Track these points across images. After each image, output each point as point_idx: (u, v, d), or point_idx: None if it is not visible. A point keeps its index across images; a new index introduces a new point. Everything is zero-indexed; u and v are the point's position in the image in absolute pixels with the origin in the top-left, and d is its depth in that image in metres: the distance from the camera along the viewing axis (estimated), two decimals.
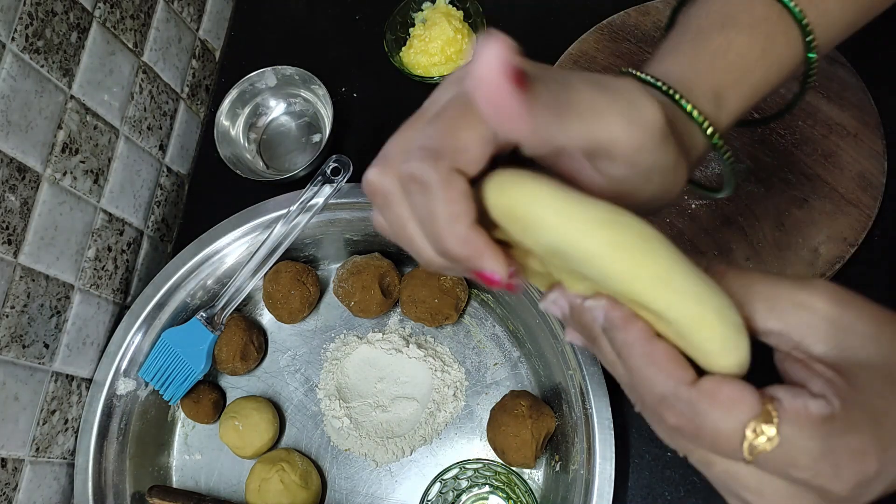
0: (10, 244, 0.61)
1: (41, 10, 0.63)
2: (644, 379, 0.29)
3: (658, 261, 0.28)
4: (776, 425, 0.27)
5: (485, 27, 0.79)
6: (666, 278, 0.28)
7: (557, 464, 0.66)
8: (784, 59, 0.39)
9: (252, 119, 0.84)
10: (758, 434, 0.27)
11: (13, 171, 0.61)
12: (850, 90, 0.69)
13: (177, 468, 0.74)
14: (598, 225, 0.28)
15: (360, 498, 0.70)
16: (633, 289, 0.28)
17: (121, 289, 0.75)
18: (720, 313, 0.28)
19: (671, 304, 0.28)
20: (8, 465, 0.61)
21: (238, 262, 0.73)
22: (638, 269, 0.28)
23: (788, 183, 0.67)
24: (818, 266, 0.64)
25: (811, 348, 0.29)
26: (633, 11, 0.77)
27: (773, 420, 0.27)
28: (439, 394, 0.70)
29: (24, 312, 0.63)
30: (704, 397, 0.27)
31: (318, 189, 0.71)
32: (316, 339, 0.76)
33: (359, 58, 0.85)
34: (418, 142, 0.31)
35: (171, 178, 0.83)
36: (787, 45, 0.39)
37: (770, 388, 0.29)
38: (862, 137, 0.68)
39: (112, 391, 0.71)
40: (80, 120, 0.68)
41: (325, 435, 0.72)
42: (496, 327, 0.73)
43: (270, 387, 0.75)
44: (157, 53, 0.79)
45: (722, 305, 0.28)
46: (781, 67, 0.40)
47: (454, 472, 0.64)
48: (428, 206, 0.30)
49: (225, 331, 0.72)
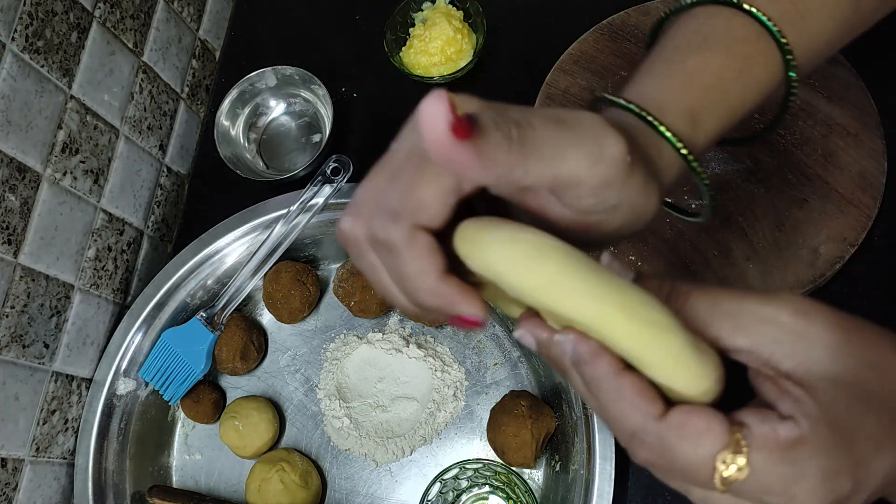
0: (10, 244, 0.61)
1: (41, 10, 0.63)
2: (614, 415, 0.29)
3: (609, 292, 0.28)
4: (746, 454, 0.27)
5: (485, 27, 0.79)
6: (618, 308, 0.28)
7: (557, 464, 0.66)
8: (763, 79, 0.39)
9: (252, 119, 0.84)
10: (728, 464, 0.27)
11: (13, 171, 0.61)
12: (850, 90, 0.69)
13: (177, 468, 0.74)
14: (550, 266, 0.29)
15: (360, 498, 0.70)
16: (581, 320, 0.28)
17: (121, 289, 0.75)
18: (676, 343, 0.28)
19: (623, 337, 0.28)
20: (8, 465, 0.61)
21: (238, 262, 0.73)
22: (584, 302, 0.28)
23: (788, 183, 0.67)
24: (818, 266, 0.64)
25: (779, 364, 0.29)
26: (633, 11, 0.77)
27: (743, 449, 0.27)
28: (439, 394, 0.70)
29: (24, 312, 0.63)
30: (673, 431, 0.27)
31: (318, 189, 0.71)
32: (316, 339, 0.76)
33: (359, 58, 0.85)
34: (381, 202, 0.31)
35: (171, 178, 0.83)
36: (765, 65, 0.39)
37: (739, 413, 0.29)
38: (862, 137, 0.67)
39: (112, 391, 0.71)
40: (80, 120, 0.68)
41: (325, 435, 0.72)
42: (496, 327, 0.73)
43: (270, 387, 0.75)
44: (157, 53, 0.79)
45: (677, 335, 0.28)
46: (761, 87, 0.39)
47: (454, 472, 0.64)
48: (395, 265, 0.31)
49: (225, 331, 0.72)
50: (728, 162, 0.69)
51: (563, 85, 0.75)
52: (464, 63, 0.79)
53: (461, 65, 0.79)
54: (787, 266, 0.65)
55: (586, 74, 0.75)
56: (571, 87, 0.75)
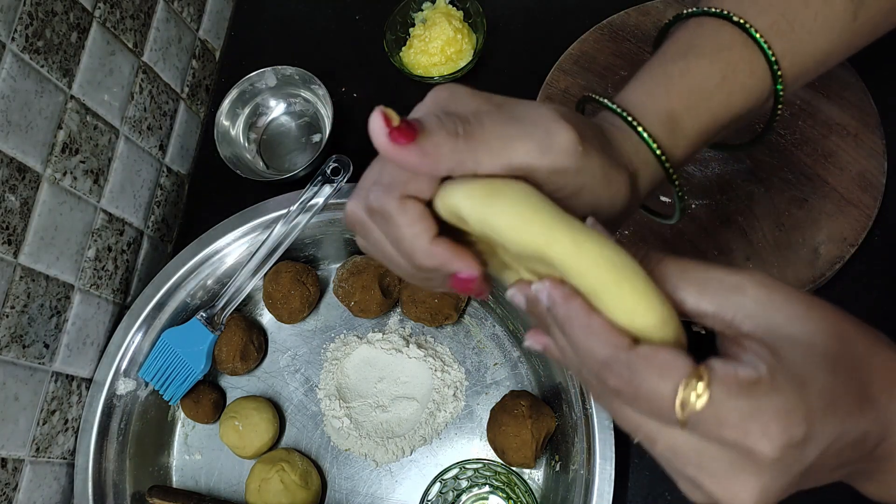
0: (10, 244, 0.61)
1: (41, 10, 0.63)
2: (586, 349, 0.31)
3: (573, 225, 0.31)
4: (706, 385, 0.28)
5: (485, 27, 0.79)
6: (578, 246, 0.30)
7: (557, 464, 0.66)
8: (749, 87, 0.41)
9: (252, 119, 0.84)
10: (689, 390, 0.28)
11: (13, 171, 0.61)
12: (850, 90, 0.69)
13: (177, 468, 0.74)
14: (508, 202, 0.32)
15: (360, 498, 0.70)
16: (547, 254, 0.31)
17: (121, 289, 0.75)
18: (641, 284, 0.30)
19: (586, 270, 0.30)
20: (8, 465, 0.61)
21: (238, 262, 0.73)
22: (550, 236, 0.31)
23: (788, 183, 0.67)
24: (818, 266, 0.64)
25: (741, 326, 0.31)
26: (633, 11, 0.77)
27: (704, 380, 0.29)
28: (439, 394, 0.70)
29: (24, 312, 0.63)
30: (641, 360, 0.30)
31: (318, 189, 0.71)
32: (316, 339, 0.76)
33: (359, 58, 0.85)
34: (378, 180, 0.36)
35: (171, 178, 0.83)
36: (751, 73, 0.40)
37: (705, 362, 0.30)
38: (862, 137, 0.68)
39: (112, 391, 0.71)
40: (80, 120, 0.68)
41: (325, 435, 0.72)
42: (496, 327, 0.73)
43: (270, 387, 0.75)
44: (157, 53, 0.79)
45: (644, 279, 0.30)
46: (747, 96, 0.41)
47: (454, 472, 0.64)
48: (392, 232, 0.35)
49: (225, 331, 0.72)
50: (728, 162, 0.69)
51: (563, 85, 0.75)
52: (464, 63, 0.79)
53: (461, 65, 0.79)
54: (787, 266, 0.65)
55: (586, 74, 0.75)
56: (571, 87, 0.75)
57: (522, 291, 0.34)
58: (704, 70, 0.40)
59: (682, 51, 0.41)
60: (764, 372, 0.29)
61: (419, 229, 0.35)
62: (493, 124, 0.34)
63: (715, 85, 0.40)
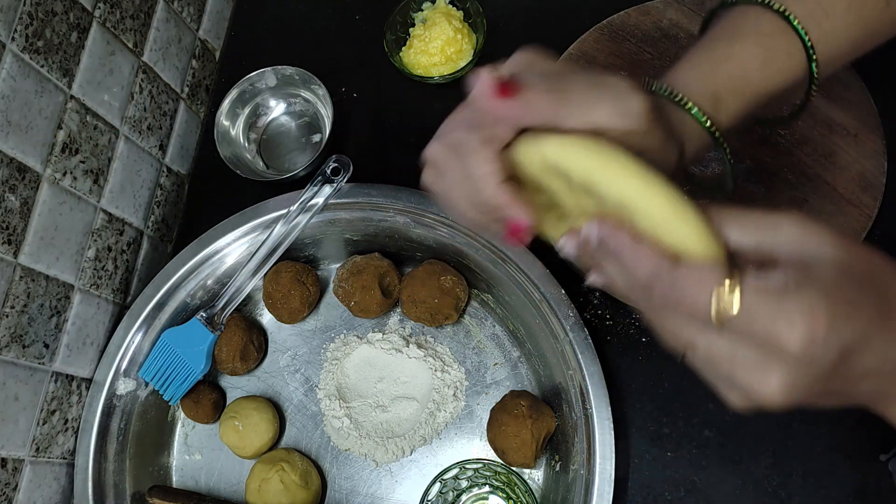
0: (10, 244, 0.61)
1: (41, 10, 0.63)
2: (635, 267, 0.35)
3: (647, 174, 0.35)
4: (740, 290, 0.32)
5: (485, 27, 0.79)
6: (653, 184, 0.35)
7: (557, 464, 0.66)
8: (785, 70, 0.45)
9: (252, 119, 0.84)
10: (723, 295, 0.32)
11: (13, 171, 0.61)
12: (850, 90, 0.69)
13: (177, 468, 0.74)
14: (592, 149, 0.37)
15: (360, 498, 0.70)
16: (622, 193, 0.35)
17: (121, 289, 0.75)
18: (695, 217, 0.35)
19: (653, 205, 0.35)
20: (8, 465, 0.61)
21: (238, 262, 0.73)
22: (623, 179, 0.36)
23: (788, 183, 0.67)
24: None
25: (777, 254, 0.34)
26: (633, 11, 0.77)
27: (737, 288, 0.32)
28: (439, 394, 0.70)
29: (24, 312, 0.63)
30: (682, 272, 0.34)
31: (318, 189, 0.71)
32: (316, 339, 0.76)
33: (359, 58, 0.85)
34: (463, 121, 0.41)
35: (171, 178, 0.83)
36: (788, 57, 0.45)
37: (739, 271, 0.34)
38: (862, 137, 0.68)
39: (112, 391, 0.71)
40: (80, 120, 0.68)
41: (325, 435, 0.72)
42: (496, 327, 0.73)
43: (270, 387, 0.75)
44: (157, 53, 0.79)
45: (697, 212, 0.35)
46: (784, 78, 0.45)
47: (454, 472, 0.64)
48: (468, 167, 0.40)
49: (225, 331, 0.72)
50: None
51: None
52: (464, 63, 0.79)
53: (461, 65, 0.79)
54: None
55: None
56: None
57: (573, 238, 0.38)
58: (747, 54, 0.44)
59: (725, 36, 0.46)
60: (791, 279, 0.32)
61: (493, 168, 0.39)
62: (580, 86, 0.39)
63: (755, 69, 0.44)
